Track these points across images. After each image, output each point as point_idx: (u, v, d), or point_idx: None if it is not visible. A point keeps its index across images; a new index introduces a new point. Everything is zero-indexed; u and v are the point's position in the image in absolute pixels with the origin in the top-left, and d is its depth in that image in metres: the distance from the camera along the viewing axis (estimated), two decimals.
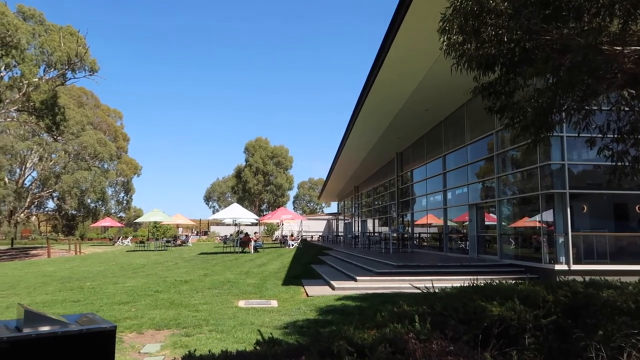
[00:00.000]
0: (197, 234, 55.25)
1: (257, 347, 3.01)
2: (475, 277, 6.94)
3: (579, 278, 5.97)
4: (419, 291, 5.89)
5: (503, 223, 14.25)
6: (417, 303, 4.34)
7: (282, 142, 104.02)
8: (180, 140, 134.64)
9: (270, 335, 3.21)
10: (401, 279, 11.58)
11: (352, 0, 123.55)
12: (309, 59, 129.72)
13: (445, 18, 5.67)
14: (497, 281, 5.60)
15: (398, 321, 3.27)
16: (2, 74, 29.15)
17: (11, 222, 53.11)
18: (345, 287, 11.25)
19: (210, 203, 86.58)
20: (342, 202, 51.06)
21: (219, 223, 55.10)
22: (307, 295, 10.66)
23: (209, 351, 2.94)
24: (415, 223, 22.40)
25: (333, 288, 11.33)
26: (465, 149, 16.27)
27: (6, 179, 47.90)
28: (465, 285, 5.55)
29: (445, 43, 5.85)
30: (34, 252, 34.59)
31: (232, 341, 6.26)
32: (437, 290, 5.13)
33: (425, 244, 21.45)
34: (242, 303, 9.54)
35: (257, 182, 68.49)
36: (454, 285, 5.97)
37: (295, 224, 45.71)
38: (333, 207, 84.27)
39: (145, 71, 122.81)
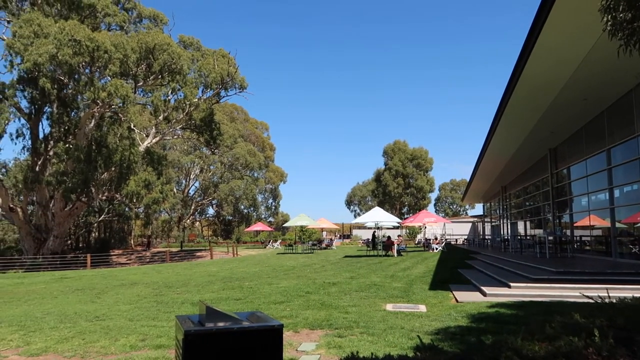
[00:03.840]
0: (340, 238, 56.79)
1: (417, 353, 2.97)
2: None
3: None
4: (589, 301, 5.30)
5: None
6: (590, 314, 3.90)
7: (421, 144, 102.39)
8: (321, 146, 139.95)
9: (431, 342, 3.14)
10: (562, 287, 10.55)
11: None
12: (448, 56, 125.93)
13: None
14: None
15: (573, 334, 2.96)
16: (169, 97, 33.26)
17: (180, 227, 60.16)
18: (498, 294, 10.61)
19: (352, 207, 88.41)
20: (488, 204, 48.36)
21: (361, 226, 55.98)
22: (457, 300, 10.28)
23: (372, 354, 2.98)
24: (574, 225, 20.28)
25: (484, 294, 10.76)
26: (635, 140, 14.29)
27: (175, 190, 54.34)
28: None
29: (609, 23, 5.24)
30: (198, 254, 38.66)
31: (383, 344, 6.27)
32: (613, 301, 4.56)
33: (587, 248, 19.28)
34: (389, 306, 9.54)
35: (397, 185, 68.15)
36: (635, 295, 5.26)
37: (438, 227, 44.50)
38: (478, 209, 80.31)
39: (285, 79, 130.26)
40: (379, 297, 10.76)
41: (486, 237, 42.60)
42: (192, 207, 61.16)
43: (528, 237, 24.13)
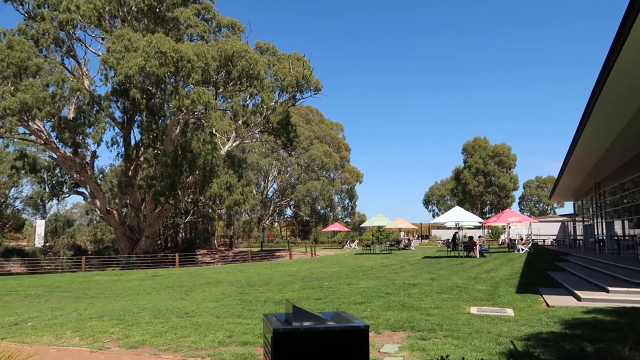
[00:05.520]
0: (418, 238, 55.70)
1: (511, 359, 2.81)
2: None
3: None
4: None
5: None
6: None
7: (504, 140, 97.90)
8: (397, 146, 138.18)
9: (525, 348, 2.97)
10: None
11: None
12: (529, 56, 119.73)
13: None
14: None
15: None
16: (247, 102, 34.37)
17: (259, 227, 61.97)
18: (594, 299, 9.86)
19: (430, 207, 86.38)
20: (580, 202, 45.19)
21: (440, 226, 54.56)
22: (547, 305, 9.70)
23: (462, 358, 2.86)
24: None
25: (578, 299, 10.06)
26: None
27: (254, 191, 56.08)
28: None
29: None
30: (278, 254, 39.57)
31: (469, 349, 6.04)
32: None
33: None
34: (473, 309, 9.19)
35: (478, 183, 65.55)
36: None
37: (523, 227, 42.32)
38: (567, 208, 75.43)
39: (361, 80, 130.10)
40: (462, 300, 10.40)
41: (578, 237, 39.86)
42: (271, 208, 62.73)
43: (627, 238, 22.26)
